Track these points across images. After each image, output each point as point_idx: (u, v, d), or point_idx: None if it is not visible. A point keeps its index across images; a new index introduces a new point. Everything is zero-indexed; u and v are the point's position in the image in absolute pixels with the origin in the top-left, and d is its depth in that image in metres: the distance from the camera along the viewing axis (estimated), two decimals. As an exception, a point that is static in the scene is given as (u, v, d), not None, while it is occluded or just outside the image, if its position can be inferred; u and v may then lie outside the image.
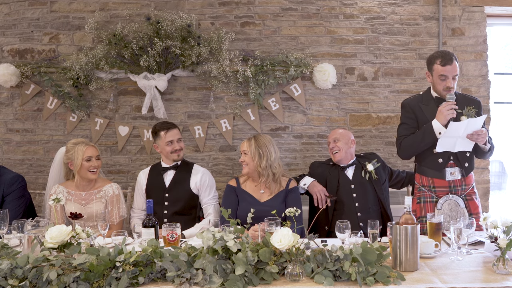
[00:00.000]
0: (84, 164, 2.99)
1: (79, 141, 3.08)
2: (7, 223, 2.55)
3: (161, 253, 2.02)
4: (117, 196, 3.09)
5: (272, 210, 2.44)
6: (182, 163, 3.25)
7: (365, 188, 3.15)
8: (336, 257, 2.01)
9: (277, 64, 3.91)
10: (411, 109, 2.96)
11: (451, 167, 2.86)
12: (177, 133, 3.22)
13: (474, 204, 2.90)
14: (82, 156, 2.98)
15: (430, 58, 2.90)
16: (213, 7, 4.00)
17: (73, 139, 3.17)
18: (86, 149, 3.01)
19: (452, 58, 2.80)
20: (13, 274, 1.91)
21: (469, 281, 1.97)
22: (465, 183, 2.90)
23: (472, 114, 2.80)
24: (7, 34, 4.04)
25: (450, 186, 2.88)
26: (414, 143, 2.88)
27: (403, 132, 2.96)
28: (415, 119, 2.94)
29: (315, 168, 3.31)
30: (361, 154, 3.38)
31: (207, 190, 3.19)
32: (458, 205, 2.85)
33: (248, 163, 3.00)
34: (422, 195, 2.95)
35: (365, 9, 3.99)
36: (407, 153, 2.97)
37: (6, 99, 4.06)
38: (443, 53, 2.86)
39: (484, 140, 2.78)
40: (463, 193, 2.89)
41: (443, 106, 2.77)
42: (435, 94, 2.93)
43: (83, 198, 3.04)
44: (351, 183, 3.17)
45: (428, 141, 2.83)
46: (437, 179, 2.89)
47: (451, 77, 2.81)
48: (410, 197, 2.21)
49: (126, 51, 3.83)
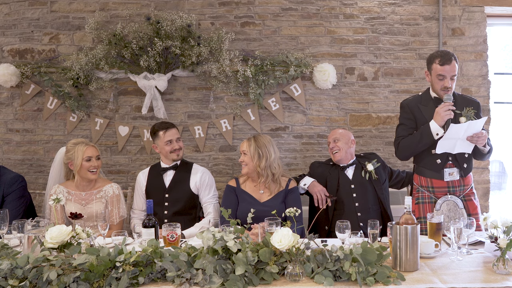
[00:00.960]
0: (84, 164, 2.99)
1: (79, 141, 3.07)
2: (7, 223, 2.55)
3: (161, 253, 2.02)
4: (117, 196, 3.09)
5: (272, 210, 2.44)
6: (182, 163, 3.25)
7: (365, 188, 3.15)
8: (336, 257, 2.01)
9: (277, 64, 3.91)
10: (409, 109, 2.95)
11: (450, 167, 2.86)
12: (176, 133, 3.22)
13: (473, 205, 2.90)
14: (82, 156, 2.98)
15: (430, 57, 2.90)
16: (213, 7, 4.00)
17: (73, 139, 3.16)
18: (86, 149, 3.01)
19: (451, 58, 2.79)
20: (13, 274, 1.91)
21: (469, 281, 1.97)
22: (463, 184, 2.89)
23: (471, 116, 2.79)
24: (7, 34, 4.04)
25: (448, 187, 2.87)
26: (411, 144, 2.88)
27: (401, 132, 2.96)
28: (413, 120, 2.93)
29: (315, 168, 3.31)
30: (361, 154, 3.37)
31: (207, 189, 3.19)
32: (456, 206, 2.84)
33: (247, 163, 3.00)
34: (420, 196, 2.95)
35: (365, 9, 3.99)
36: (405, 154, 2.97)
37: (6, 99, 4.06)
38: (443, 52, 2.85)
39: (484, 142, 2.77)
40: (462, 193, 2.89)
41: (441, 107, 2.76)
42: (434, 94, 2.92)
43: (83, 198, 3.04)
44: (351, 183, 3.17)
45: (425, 142, 2.83)
46: (436, 179, 2.88)
47: (449, 77, 2.80)
48: (410, 197, 2.21)
49: (126, 51, 3.83)
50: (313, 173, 3.27)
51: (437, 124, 2.76)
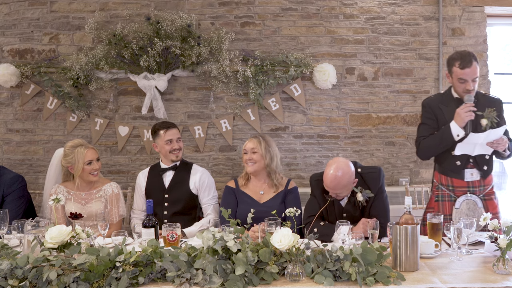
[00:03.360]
0: (86, 168, 2.97)
1: (77, 144, 3.02)
2: (7, 223, 2.54)
3: (161, 253, 2.02)
4: (116, 195, 3.08)
5: (272, 211, 2.43)
6: (181, 164, 3.24)
7: (357, 216, 2.77)
8: (336, 257, 2.01)
9: (277, 64, 3.91)
10: (431, 109, 2.88)
11: (471, 168, 2.83)
12: (177, 133, 3.21)
13: (493, 204, 2.88)
14: (83, 160, 2.95)
15: (449, 60, 2.79)
16: (213, 7, 4.00)
17: (70, 142, 3.09)
18: (87, 153, 2.97)
19: (471, 60, 2.68)
20: (13, 274, 1.91)
21: (469, 281, 1.97)
22: (483, 184, 2.86)
23: (493, 117, 2.72)
24: (7, 34, 4.03)
25: (468, 187, 2.84)
26: (432, 145, 2.82)
27: (422, 132, 2.89)
28: (435, 120, 2.86)
29: (314, 187, 2.94)
30: (362, 170, 2.86)
31: (206, 190, 3.19)
32: (476, 205, 2.82)
33: (257, 161, 2.97)
34: (440, 194, 2.92)
35: (365, 9, 3.99)
36: (425, 155, 2.92)
37: (6, 99, 4.06)
38: (462, 54, 2.72)
39: (504, 147, 2.72)
40: (482, 193, 2.86)
41: (461, 108, 2.69)
42: (456, 95, 2.84)
43: (83, 198, 3.04)
44: (342, 212, 2.83)
45: (446, 144, 2.77)
46: (456, 179, 2.86)
47: (471, 80, 2.70)
48: (410, 197, 2.21)
49: (126, 51, 3.83)
50: (313, 190, 2.95)
51: (458, 126, 2.70)
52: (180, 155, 3.21)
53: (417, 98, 4.00)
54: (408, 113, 4.03)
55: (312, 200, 2.90)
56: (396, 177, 4.07)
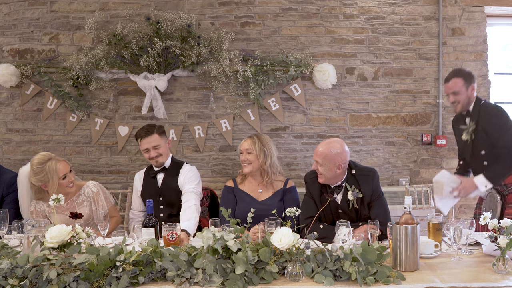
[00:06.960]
0: (62, 183, 2.80)
1: (45, 159, 2.77)
2: (7, 223, 2.54)
3: (161, 252, 2.02)
4: (97, 194, 2.95)
5: (270, 209, 2.44)
6: (172, 165, 3.15)
7: (352, 215, 2.75)
8: (336, 257, 2.01)
9: (277, 64, 3.91)
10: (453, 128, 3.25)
11: None
12: (154, 140, 3.03)
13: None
14: (58, 176, 2.76)
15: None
16: (213, 7, 4.00)
17: (35, 158, 2.81)
18: (59, 167, 2.77)
19: (452, 76, 2.98)
20: (13, 273, 1.91)
21: (469, 280, 1.97)
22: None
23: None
24: (7, 34, 4.04)
25: None
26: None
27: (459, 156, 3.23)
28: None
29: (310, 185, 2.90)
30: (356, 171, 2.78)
31: (190, 181, 3.03)
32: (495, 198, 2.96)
33: (252, 161, 2.98)
34: None
35: (365, 9, 4.00)
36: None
37: (6, 99, 4.06)
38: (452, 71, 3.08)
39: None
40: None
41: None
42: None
43: (66, 208, 2.88)
44: (338, 208, 2.80)
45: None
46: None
47: (451, 93, 2.98)
48: (410, 197, 2.21)
49: (126, 51, 3.83)
50: (309, 188, 2.90)
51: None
52: (160, 160, 3.08)
53: (417, 98, 4.01)
54: (408, 113, 4.03)
55: (308, 201, 2.84)
56: (396, 177, 4.07)
